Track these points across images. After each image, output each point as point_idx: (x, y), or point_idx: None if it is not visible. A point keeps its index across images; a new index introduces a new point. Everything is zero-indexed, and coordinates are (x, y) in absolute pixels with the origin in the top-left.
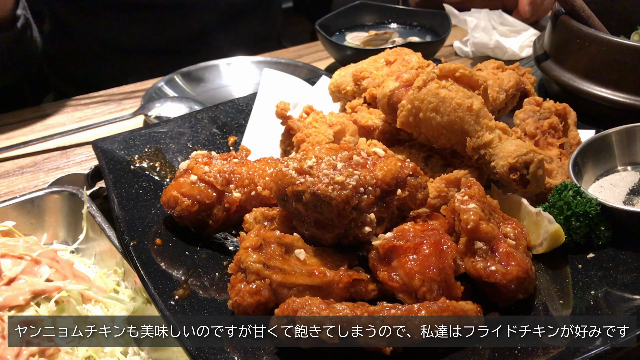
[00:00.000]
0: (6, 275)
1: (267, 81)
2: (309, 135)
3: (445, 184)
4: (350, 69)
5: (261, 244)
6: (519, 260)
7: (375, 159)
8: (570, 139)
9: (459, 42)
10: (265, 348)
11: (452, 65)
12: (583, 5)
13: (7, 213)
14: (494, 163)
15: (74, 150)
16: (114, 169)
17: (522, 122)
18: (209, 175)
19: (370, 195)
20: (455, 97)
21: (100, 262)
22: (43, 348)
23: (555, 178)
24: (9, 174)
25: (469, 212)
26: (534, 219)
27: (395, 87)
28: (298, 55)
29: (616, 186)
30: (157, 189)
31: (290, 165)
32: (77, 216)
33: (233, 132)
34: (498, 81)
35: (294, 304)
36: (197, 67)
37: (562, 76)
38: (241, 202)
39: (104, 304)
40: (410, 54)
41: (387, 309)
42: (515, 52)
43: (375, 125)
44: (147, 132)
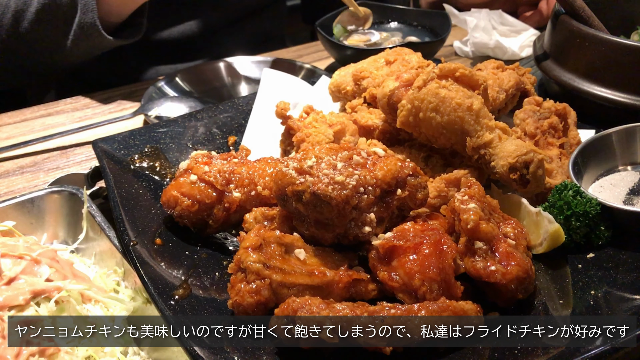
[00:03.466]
0: (6, 275)
1: (267, 81)
2: (309, 135)
3: (445, 183)
4: (350, 69)
5: (261, 244)
6: (519, 260)
7: (375, 159)
8: (570, 138)
9: (459, 42)
10: (265, 348)
11: (452, 65)
12: (583, 5)
13: (7, 213)
14: (494, 163)
15: (74, 150)
16: (114, 169)
17: (522, 122)
18: (209, 175)
19: (370, 195)
20: (455, 97)
21: (100, 262)
22: (43, 348)
23: (555, 178)
24: (9, 174)
25: (469, 212)
26: (534, 219)
27: (395, 87)
28: (298, 55)
29: (616, 186)
30: (157, 189)
31: (290, 165)
32: (77, 216)
33: (233, 132)
34: (498, 81)
35: (293, 303)
36: (198, 67)
37: (562, 76)
38: (241, 202)
39: (104, 304)
40: (410, 54)
41: (387, 308)
42: (515, 52)
43: (375, 125)
44: (147, 132)
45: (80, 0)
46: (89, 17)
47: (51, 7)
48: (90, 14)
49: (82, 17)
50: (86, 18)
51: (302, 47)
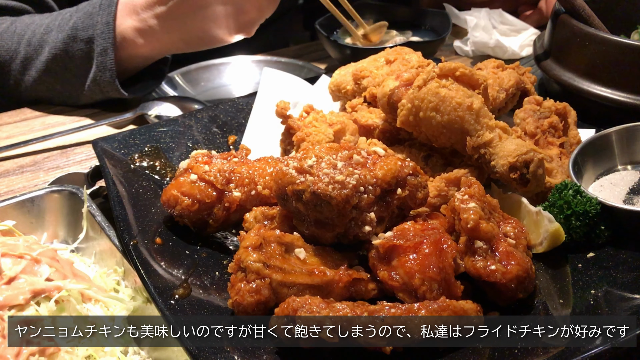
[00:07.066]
0: (6, 275)
1: (267, 80)
2: (309, 134)
3: (446, 183)
4: (350, 68)
5: (261, 243)
6: (519, 260)
7: (375, 158)
8: (570, 138)
9: (459, 42)
10: (265, 348)
11: (452, 65)
12: (583, 5)
13: (7, 212)
14: (494, 162)
15: (74, 150)
16: (114, 168)
17: (522, 122)
18: (209, 174)
19: (371, 195)
20: (455, 96)
21: (100, 261)
22: (43, 347)
23: (555, 177)
24: (9, 173)
25: (469, 212)
26: (534, 218)
27: (395, 86)
28: (298, 55)
29: (616, 185)
30: (157, 188)
31: (291, 165)
32: (77, 215)
33: (233, 131)
34: (498, 80)
35: (293, 303)
36: (197, 67)
37: (562, 75)
38: (241, 201)
39: (104, 304)
40: (410, 53)
41: (387, 308)
42: (515, 51)
43: (375, 125)
44: (147, 132)
45: (97, 57)
46: (106, 75)
47: (63, 58)
48: (107, 73)
49: (98, 74)
50: (103, 76)
51: (302, 47)
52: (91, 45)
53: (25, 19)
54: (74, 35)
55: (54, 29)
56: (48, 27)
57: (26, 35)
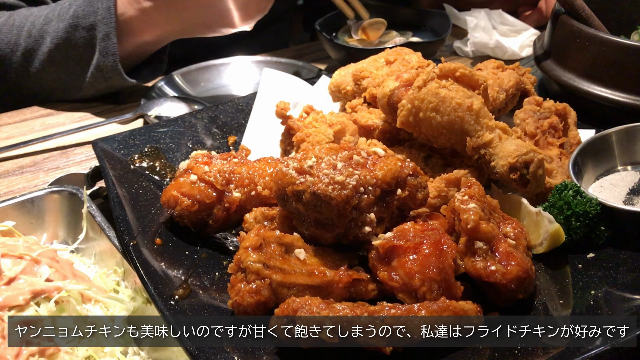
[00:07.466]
0: (6, 275)
1: (267, 81)
2: (309, 135)
3: (446, 183)
4: (350, 69)
5: (261, 244)
6: (519, 260)
7: (375, 159)
8: (570, 138)
9: (459, 42)
10: (265, 348)
11: (452, 65)
12: (583, 5)
13: (7, 213)
14: (494, 163)
15: (74, 150)
16: (114, 169)
17: (522, 122)
18: (209, 175)
19: (371, 195)
20: (455, 96)
21: (100, 261)
22: (43, 348)
23: (555, 178)
24: (8, 174)
25: (469, 212)
26: (534, 219)
27: (395, 87)
28: (298, 55)
29: (616, 186)
30: (157, 189)
31: (290, 165)
32: (77, 216)
33: (233, 131)
34: (498, 81)
35: (293, 303)
36: (197, 67)
37: (562, 76)
38: (241, 201)
39: (104, 304)
40: (410, 54)
41: (387, 308)
42: (515, 52)
43: (375, 125)
44: (147, 132)
45: (99, 42)
46: (109, 60)
47: (65, 47)
48: (111, 57)
49: (101, 60)
50: (106, 61)
51: (302, 47)
52: (93, 32)
53: (23, 11)
54: (75, 24)
55: (54, 18)
56: (47, 17)
57: (25, 27)
